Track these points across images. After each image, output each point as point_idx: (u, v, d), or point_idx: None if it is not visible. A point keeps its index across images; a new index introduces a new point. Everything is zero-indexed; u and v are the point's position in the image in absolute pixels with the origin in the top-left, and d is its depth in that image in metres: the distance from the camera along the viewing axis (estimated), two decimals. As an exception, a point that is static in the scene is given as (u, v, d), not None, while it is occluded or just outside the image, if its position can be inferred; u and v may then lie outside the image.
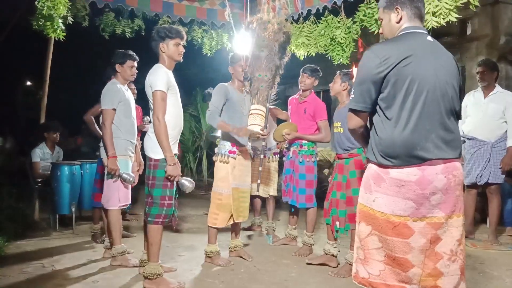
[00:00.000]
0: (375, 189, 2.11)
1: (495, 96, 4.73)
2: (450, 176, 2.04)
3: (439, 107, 2.05)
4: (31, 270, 3.87)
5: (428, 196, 2.01)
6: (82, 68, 11.26)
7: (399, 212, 2.03)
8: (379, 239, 2.09)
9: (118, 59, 4.16)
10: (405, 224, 2.03)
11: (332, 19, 5.51)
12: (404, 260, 2.03)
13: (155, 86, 3.33)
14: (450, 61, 2.15)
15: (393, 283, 2.07)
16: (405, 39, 2.12)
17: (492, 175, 4.66)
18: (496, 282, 3.69)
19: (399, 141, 2.02)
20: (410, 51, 2.03)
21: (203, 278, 3.73)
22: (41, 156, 5.87)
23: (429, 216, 2.03)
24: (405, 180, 2.02)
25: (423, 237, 2.03)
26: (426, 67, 2.05)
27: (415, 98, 2.02)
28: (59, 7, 4.39)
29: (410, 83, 2.01)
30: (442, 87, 2.06)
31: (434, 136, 2.02)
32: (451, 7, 3.27)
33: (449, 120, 2.08)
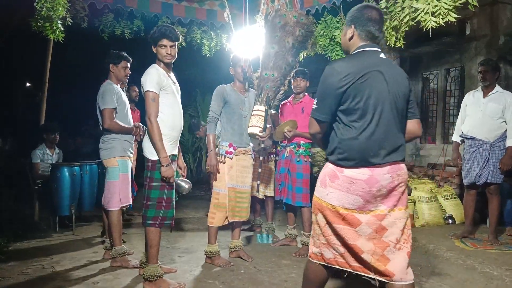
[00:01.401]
0: (330, 185, 2.36)
1: (495, 96, 4.73)
2: (395, 175, 2.32)
3: (392, 118, 2.33)
4: (31, 272, 3.87)
5: (375, 193, 2.29)
6: (81, 69, 11.25)
7: (348, 205, 2.31)
8: (333, 228, 2.37)
9: (112, 59, 4.17)
10: (352, 216, 2.31)
11: (331, 19, 5.51)
12: (355, 246, 2.31)
13: (145, 87, 3.33)
14: (401, 76, 2.41)
15: (353, 264, 2.36)
16: (361, 57, 2.38)
17: (491, 175, 4.67)
18: (496, 282, 3.69)
19: (356, 147, 2.29)
20: (366, 69, 2.29)
21: (203, 279, 3.73)
22: (41, 157, 5.88)
23: (373, 209, 2.31)
24: (356, 178, 2.29)
25: (370, 228, 2.31)
26: (380, 82, 2.31)
27: (371, 111, 2.28)
28: (58, 8, 4.38)
29: (367, 97, 2.27)
30: (394, 100, 2.33)
31: (386, 144, 2.30)
32: (450, 7, 3.26)
33: (399, 129, 2.38)
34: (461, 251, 4.48)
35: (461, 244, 4.70)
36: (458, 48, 6.48)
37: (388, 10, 3.86)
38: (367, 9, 2.46)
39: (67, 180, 5.33)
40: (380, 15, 2.47)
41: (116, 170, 4.04)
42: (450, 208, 5.71)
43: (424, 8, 3.35)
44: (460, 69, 6.62)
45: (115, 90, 4.09)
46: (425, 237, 4.99)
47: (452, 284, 3.68)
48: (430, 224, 5.53)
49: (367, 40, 2.43)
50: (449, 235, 5.03)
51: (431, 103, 7.28)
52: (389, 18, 3.89)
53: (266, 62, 3.82)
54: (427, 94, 7.39)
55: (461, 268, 4.05)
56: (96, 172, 5.64)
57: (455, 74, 6.83)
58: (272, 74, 3.82)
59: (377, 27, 2.43)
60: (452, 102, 6.89)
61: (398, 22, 3.69)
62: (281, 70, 3.81)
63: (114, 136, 4.05)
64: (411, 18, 3.51)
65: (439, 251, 4.55)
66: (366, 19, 2.43)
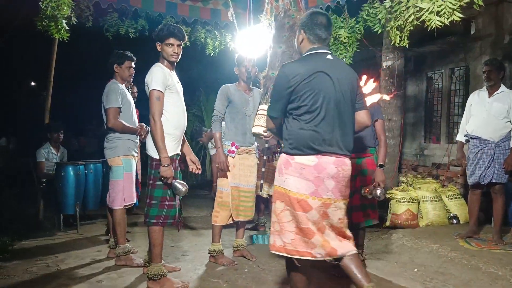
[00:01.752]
0: (285, 172, 2.61)
1: (500, 96, 4.71)
2: (340, 168, 2.59)
3: (337, 113, 2.59)
4: (35, 270, 3.89)
5: (323, 179, 2.55)
6: (85, 68, 11.28)
7: (302, 191, 2.55)
8: (290, 213, 2.59)
9: (116, 59, 4.19)
10: (306, 201, 2.55)
11: (335, 18, 5.51)
12: (308, 229, 2.55)
13: (150, 86, 3.33)
14: (347, 74, 2.69)
15: (302, 249, 2.55)
16: (310, 59, 2.67)
17: (496, 175, 4.65)
18: (501, 282, 3.68)
19: (303, 138, 2.56)
20: (313, 69, 2.56)
21: (207, 278, 3.73)
22: (46, 156, 5.90)
23: (324, 197, 2.56)
24: (305, 164, 2.56)
25: (318, 213, 2.56)
26: (326, 81, 2.58)
27: (317, 107, 2.55)
28: (63, 7, 4.40)
29: (313, 95, 2.55)
30: (340, 97, 2.60)
31: (331, 137, 2.57)
32: (455, 6, 3.25)
33: (345, 124, 2.63)
34: (466, 251, 4.47)
35: (466, 244, 4.68)
36: (462, 48, 6.45)
37: (393, 9, 3.85)
38: (314, 14, 2.75)
39: (72, 179, 5.35)
40: (327, 20, 2.73)
41: (120, 169, 4.06)
42: (454, 208, 5.69)
43: (429, 8, 3.34)
44: (465, 68, 6.59)
45: (120, 89, 4.11)
46: (429, 237, 4.98)
47: (456, 283, 3.67)
48: (434, 224, 5.51)
49: (316, 43, 2.70)
50: (454, 235, 5.01)
51: (436, 102, 7.25)
52: (394, 18, 3.88)
53: (273, 62, 3.81)
54: (431, 93, 7.36)
55: (466, 268, 4.04)
56: (100, 171, 5.66)
57: (459, 74, 6.80)
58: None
59: (324, 31, 2.69)
60: (456, 101, 6.86)
61: (403, 21, 3.68)
62: None
63: (118, 135, 4.06)
64: (416, 18, 3.50)
65: (443, 250, 4.53)
66: (313, 24, 2.69)
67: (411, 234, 5.14)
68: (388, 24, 4.05)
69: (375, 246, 4.85)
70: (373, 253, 4.55)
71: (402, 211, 5.46)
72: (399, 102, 6.27)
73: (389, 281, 3.74)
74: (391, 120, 6.21)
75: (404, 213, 5.46)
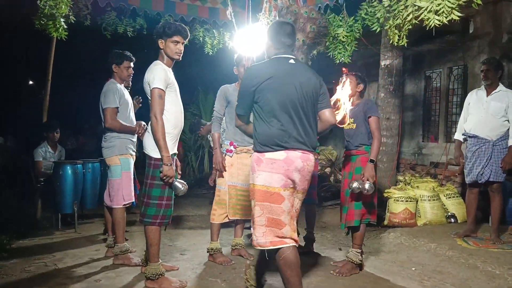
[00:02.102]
0: (257, 169, 2.79)
1: (498, 95, 4.71)
2: (305, 163, 2.81)
3: (297, 113, 2.80)
4: (33, 269, 3.88)
5: (292, 171, 2.76)
6: (84, 67, 11.26)
7: (274, 184, 2.74)
8: (260, 208, 2.76)
9: (115, 59, 4.18)
10: (278, 194, 2.75)
11: (334, 17, 5.51)
12: (279, 220, 2.74)
13: (152, 84, 3.29)
14: (308, 77, 2.88)
15: (273, 239, 2.73)
16: (272, 63, 2.90)
17: (494, 174, 4.65)
18: (498, 281, 3.69)
19: (269, 136, 2.77)
20: (273, 73, 2.80)
21: (205, 277, 3.73)
22: (43, 155, 5.89)
23: (291, 187, 2.79)
24: (275, 159, 2.76)
25: (289, 202, 2.78)
26: (287, 83, 2.79)
27: (278, 107, 2.77)
28: (61, 6, 4.40)
29: (274, 95, 2.77)
30: (302, 98, 2.81)
31: (295, 133, 2.77)
32: (454, 5, 3.25)
33: (307, 122, 2.84)
34: (463, 249, 4.47)
35: (463, 243, 4.69)
36: (461, 47, 6.45)
37: (392, 8, 3.85)
38: (280, 24, 3.01)
39: (70, 178, 5.34)
40: (292, 28, 2.96)
41: (118, 168, 4.07)
42: (452, 207, 5.70)
43: (428, 7, 3.34)
44: (463, 67, 6.58)
45: (118, 89, 4.10)
46: (427, 236, 4.98)
47: (454, 282, 3.68)
48: (432, 222, 5.52)
49: (281, 49, 2.91)
50: (451, 233, 5.02)
51: (434, 101, 7.25)
52: (392, 17, 3.88)
53: None
54: (429, 92, 7.36)
55: (463, 267, 4.04)
56: (98, 170, 5.65)
57: (458, 73, 6.80)
58: None
59: (288, 38, 2.92)
60: (455, 100, 6.86)
61: (401, 20, 3.68)
62: None
63: (116, 135, 4.07)
64: (414, 17, 3.50)
65: (441, 249, 4.54)
66: (279, 32, 2.92)
67: (409, 233, 5.15)
68: (386, 23, 4.06)
69: (373, 245, 4.85)
70: (371, 252, 4.55)
71: (400, 210, 5.47)
72: (397, 101, 6.27)
73: (387, 280, 3.75)
74: (389, 119, 6.21)
75: (402, 212, 5.47)
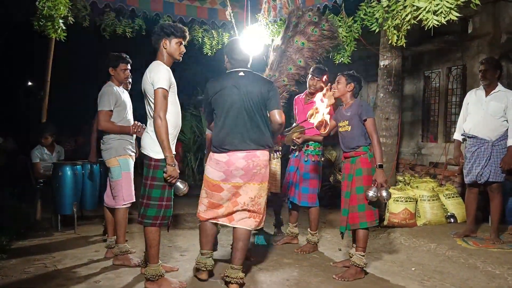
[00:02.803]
0: (208, 164, 3.53)
1: (497, 95, 4.71)
2: (250, 160, 3.36)
3: (243, 118, 3.35)
4: (33, 270, 3.88)
5: (232, 171, 3.37)
6: (83, 68, 11.26)
7: (216, 178, 3.45)
8: (206, 193, 3.53)
9: (111, 62, 4.20)
10: (219, 185, 3.44)
11: (333, 18, 5.50)
12: (218, 204, 3.48)
13: (157, 84, 3.27)
14: (257, 85, 3.39)
15: (210, 216, 3.50)
16: (224, 77, 3.49)
17: (493, 174, 4.65)
18: (498, 281, 3.69)
19: (217, 139, 3.42)
20: (225, 84, 3.40)
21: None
22: (40, 157, 5.89)
23: (233, 181, 3.40)
24: (219, 160, 3.42)
25: (229, 193, 3.44)
26: (233, 93, 3.36)
27: (224, 114, 3.39)
28: (59, 7, 4.39)
29: (223, 104, 3.39)
30: (249, 104, 3.35)
31: (240, 136, 3.34)
32: (452, 5, 3.25)
33: (256, 124, 3.37)
34: (463, 250, 4.48)
35: (463, 243, 4.69)
36: (460, 47, 6.45)
37: (390, 8, 3.85)
38: (231, 43, 3.61)
39: (69, 179, 5.33)
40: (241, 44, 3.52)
41: (118, 169, 4.08)
42: (452, 207, 5.70)
43: (426, 7, 3.33)
44: (462, 67, 6.58)
45: (114, 92, 4.12)
46: (426, 236, 4.99)
47: (454, 282, 3.68)
48: (432, 223, 5.52)
49: (234, 64, 3.49)
50: (451, 234, 5.02)
51: (433, 101, 7.25)
52: (391, 17, 3.88)
53: (273, 62, 3.83)
54: (429, 92, 7.36)
55: (463, 267, 4.05)
56: (98, 171, 5.65)
57: (457, 73, 6.80)
58: (274, 75, 3.81)
59: (238, 55, 3.47)
60: (454, 100, 6.86)
61: (400, 20, 3.68)
62: (285, 71, 3.79)
63: (113, 136, 4.10)
64: (413, 17, 3.49)
65: (441, 249, 4.54)
66: (230, 51, 3.52)
67: (408, 233, 5.15)
68: (385, 23, 4.05)
69: (372, 245, 4.85)
70: (371, 252, 4.55)
71: (400, 210, 5.47)
72: (397, 101, 6.27)
73: (386, 280, 3.75)
74: (388, 119, 6.21)
75: (402, 212, 5.47)
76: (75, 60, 10.36)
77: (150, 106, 3.38)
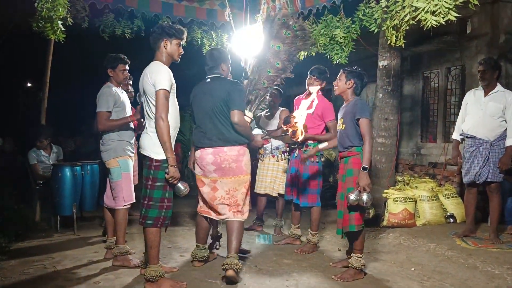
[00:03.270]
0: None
1: (496, 95, 4.72)
2: (217, 156, 3.68)
3: (212, 119, 3.69)
4: (32, 271, 3.88)
5: (205, 165, 3.74)
6: (82, 69, 11.25)
7: (198, 173, 3.85)
8: (198, 189, 3.88)
9: (109, 63, 4.21)
10: (200, 179, 3.83)
11: (331, 18, 5.51)
12: (202, 197, 3.85)
13: (159, 85, 3.26)
14: (221, 88, 3.70)
15: (204, 210, 3.90)
16: (198, 85, 3.89)
17: (491, 174, 4.65)
18: (497, 281, 3.69)
19: (194, 138, 3.85)
20: (195, 92, 3.86)
21: (204, 278, 3.73)
22: (37, 158, 5.90)
23: (210, 176, 3.75)
24: (196, 156, 3.82)
25: (209, 187, 3.78)
26: (203, 98, 3.77)
27: (197, 116, 3.82)
28: (58, 8, 4.38)
29: (196, 108, 3.83)
30: (214, 106, 3.67)
31: (208, 135, 3.70)
32: (451, 6, 3.26)
33: (221, 124, 3.68)
34: (462, 250, 4.48)
35: (462, 243, 4.70)
36: (458, 47, 6.45)
37: (389, 9, 3.86)
38: (206, 54, 4.08)
39: (69, 180, 5.34)
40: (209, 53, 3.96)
41: (118, 170, 4.08)
42: (451, 207, 5.70)
43: (425, 7, 3.35)
44: (461, 68, 6.59)
45: (113, 93, 4.13)
46: (426, 236, 4.99)
47: (453, 282, 3.68)
48: (431, 223, 5.52)
49: (207, 72, 3.88)
50: (451, 234, 5.02)
51: (432, 102, 7.25)
52: (390, 17, 3.89)
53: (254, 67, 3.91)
54: (428, 93, 7.36)
55: (462, 267, 4.05)
56: (97, 171, 5.65)
57: (456, 73, 6.80)
58: (254, 79, 3.86)
59: (208, 63, 3.87)
60: (453, 101, 6.87)
61: (399, 21, 3.69)
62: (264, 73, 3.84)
63: (113, 137, 4.09)
64: (412, 17, 3.50)
65: (440, 249, 4.55)
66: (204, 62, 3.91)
67: (408, 233, 5.15)
68: (384, 23, 4.06)
69: (372, 245, 4.86)
70: (370, 253, 4.56)
71: (399, 211, 5.47)
72: (396, 102, 6.28)
73: (386, 280, 3.75)
74: (387, 119, 6.22)
75: (401, 212, 5.47)
76: (74, 61, 10.35)
77: (149, 107, 3.37)
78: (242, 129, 3.68)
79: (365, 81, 3.87)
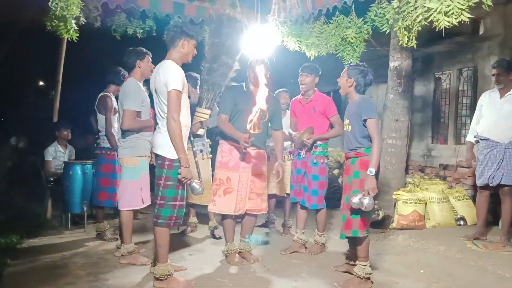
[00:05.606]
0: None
1: (511, 97, 4.67)
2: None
3: None
4: (43, 268, 3.92)
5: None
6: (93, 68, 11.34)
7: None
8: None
9: (138, 55, 4.05)
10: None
11: (342, 19, 5.48)
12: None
13: (171, 85, 3.25)
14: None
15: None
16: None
17: (505, 177, 4.61)
18: (508, 284, 3.66)
19: None
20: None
21: (212, 277, 3.74)
22: (53, 155, 5.93)
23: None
24: None
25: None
26: None
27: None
28: (72, 7, 4.42)
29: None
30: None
31: None
32: (464, 6, 3.23)
33: None
34: (473, 252, 4.45)
35: (473, 246, 4.66)
36: (470, 48, 6.40)
37: (401, 10, 3.84)
38: None
39: (79, 178, 5.38)
40: None
41: (137, 170, 3.95)
42: (461, 209, 5.66)
43: (437, 8, 3.32)
44: (473, 69, 6.54)
45: (141, 89, 4.01)
46: (436, 238, 4.96)
47: (463, 285, 3.66)
48: (441, 225, 5.49)
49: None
50: (461, 236, 4.98)
51: (443, 103, 7.21)
52: (402, 18, 3.86)
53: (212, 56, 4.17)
54: (439, 94, 7.31)
55: (473, 270, 4.02)
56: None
57: (467, 74, 6.75)
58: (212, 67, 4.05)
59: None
60: (464, 102, 6.82)
61: (411, 21, 3.66)
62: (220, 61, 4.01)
63: (136, 135, 3.95)
64: (424, 18, 3.48)
65: (450, 252, 4.52)
66: None
67: (418, 235, 5.12)
68: (396, 24, 4.04)
69: (382, 246, 4.84)
70: (380, 254, 4.54)
71: (409, 212, 5.44)
72: (406, 103, 6.25)
73: (395, 282, 3.74)
74: (398, 120, 6.19)
75: (411, 214, 5.44)
76: (85, 60, 10.43)
77: (161, 107, 3.37)
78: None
79: (368, 78, 3.64)
